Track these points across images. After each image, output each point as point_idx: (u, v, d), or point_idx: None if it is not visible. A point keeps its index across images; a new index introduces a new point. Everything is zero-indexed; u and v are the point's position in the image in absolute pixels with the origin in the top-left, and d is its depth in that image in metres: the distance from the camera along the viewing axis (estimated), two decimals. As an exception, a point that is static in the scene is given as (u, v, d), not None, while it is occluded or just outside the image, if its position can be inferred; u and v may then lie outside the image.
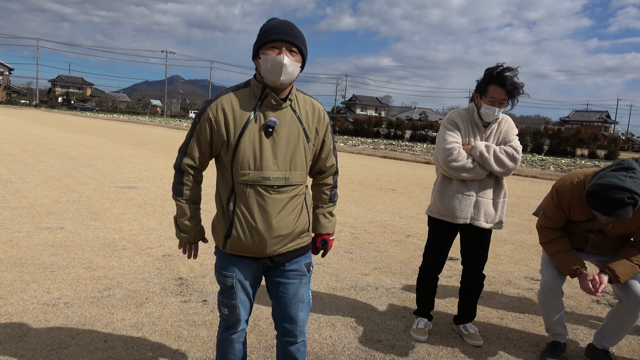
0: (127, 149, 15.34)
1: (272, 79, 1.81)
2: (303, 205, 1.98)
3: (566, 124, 67.96)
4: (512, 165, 2.90)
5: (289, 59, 1.79)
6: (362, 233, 5.90)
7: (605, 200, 2.39)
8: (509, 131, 2.98)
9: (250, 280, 1.99)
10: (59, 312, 3.13)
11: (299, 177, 1.93)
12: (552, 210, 2.84)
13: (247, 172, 1.84)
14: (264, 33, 1.82)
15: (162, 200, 7.08)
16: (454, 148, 2.88)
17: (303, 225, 1.99)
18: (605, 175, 2.45)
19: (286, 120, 1.89)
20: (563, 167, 20.10)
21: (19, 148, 13.15)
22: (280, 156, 1.87)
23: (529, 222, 7.37)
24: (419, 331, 3.15)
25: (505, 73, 2.78)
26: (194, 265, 4.23)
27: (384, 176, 12.45)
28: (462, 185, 2.93)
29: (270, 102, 1.86)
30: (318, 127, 1.99)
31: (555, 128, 37.36)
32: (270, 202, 1.86)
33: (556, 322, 2.92)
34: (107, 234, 5.06)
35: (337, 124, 47.58)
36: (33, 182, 7.95)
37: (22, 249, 4.38)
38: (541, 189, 11.82)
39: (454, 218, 2.95)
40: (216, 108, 1.85)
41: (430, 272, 3.19)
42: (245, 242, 1.88)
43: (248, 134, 1.84)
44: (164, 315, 3.19)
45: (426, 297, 3.24)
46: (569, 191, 2.74)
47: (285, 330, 2.08)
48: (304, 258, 2.04)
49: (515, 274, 4.64)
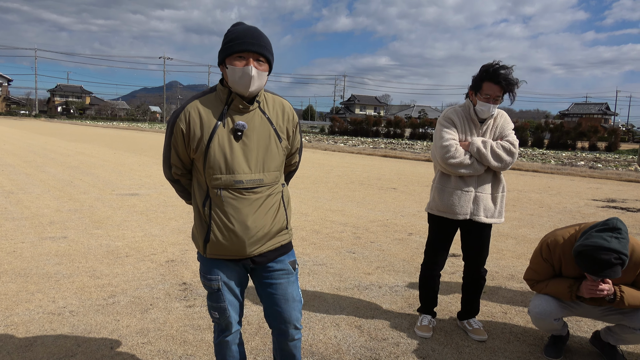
0: (127, 156, 15.38)
1: (241, 90, 1.83)
2: (280, 203, 1.99)
3: (566, 117, 67.90)
4: (510, 160, 2.92)
5: (256, 70, 1.81)
6: (364, 232, 5.91)
7: (592, 261, 2.40)
8: (505, 126, 3.00)
9: (235, 281, 2.00)
10: (65, 321, 3.15)
11: (273, 177, 1.94)
12: (540, 264, 2.81)
13: (219, 176, 1.85)
14: (230, 42, 1.82)
15: (164, 207, 7.10)
16: (451, 145, 2.90)
17: (281, 224, 2.00)
18: (591, 235, 2.46)
19: (255, 122, 1.90)
20: (564, 160, 20.10)
21: (19, 159, 13.19)
22: (252, 158, 1.88)
23: (530, 216, 7.37)
24: (423, 328, 3.17)
25: (500, 71, 2.80)
26: (197, 270, 4.24)
27: (384, 175, 12.46)
28: (461, 182, 2.96)
29: (237, 106, 1.87)
30: (289, 127, 2.00)
31: (557, 122, 37.33)
32: (245, 204, 1.87)
33: (555, 331, 2.92)
34: (110, 242, 5.08)
35: (336, 124, 47.57)
36: (35, 192, 7.98)
37: (26, 259, 4.40)
38: (542, 183, 11.83)
39: (454, 214, 2.97)
40: (184, 117, 1.87)
41: (432, 268, 3.21)
42: (223, 245, 1.90)
43: (217, 138, 1.85)
44: (169, 321, 3.21)
45: (429, 293, 3.25)
46: (561, 246, 2.69)
47: (281, 330, 2.10)
48: (287, 257, 2.06)
49: (518, 269, 4.64)
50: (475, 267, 3.14)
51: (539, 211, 7.86)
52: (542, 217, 7.38)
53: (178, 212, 6.70)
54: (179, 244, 5.10)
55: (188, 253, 4.76)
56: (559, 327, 2.86)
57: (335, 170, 13.07)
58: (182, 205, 7.19)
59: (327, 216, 6.80)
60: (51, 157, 14.12)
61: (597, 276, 2.44)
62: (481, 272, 3.15)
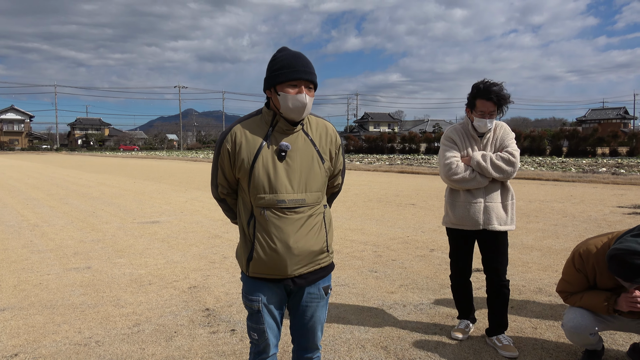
0: (147, 184, 15.62)
1: (294, 116, 1.90)
2: (321, 224, 2.01)
3: (583, 123, 66.93)
4: (510, 169, 3.04)
5: (309, 97, 1.89)
6: (385, 250, 5.86)
7: (625, 265, 2.33)
8: (505, 137, 3.14)
9: (275, 304, 2.02)
10: (91, 352, 3.17)
11: (315, 198, 1.97)
12: (573, 275, 2.73)
13: (262, 195, 1.90)
14: (281, 69, 1.87)
15: (184, 233, 7.15)
16: (452, 162, 3.08)
17: (321, 245, 2.01)
18: (625, 240, 2.39)
19: (299, 143, 1.95)
20: (585, 168, 19.74)
21: (43, 192, 13.50)
22: (295, 179, 1.92)
23: (554, 226, 7.22)
24: (458, 330, 3.32)
25: (491, 87, 2.96)
26: (220, 295, 4.25)
27: (402, 191, 12.39)
28: (469, 194, 3.10)
29: (282, 128, 1.93)
30: (332, 149, 2.05)
31: (572, 129, 36.85)
32: (287, 223, 1.91)
33: (590, 345, 2.82)
34: (133, 270, 5.13)
35: (351, 143, 47.70)
36: (59, 224, 8.13)
37: (52, 291, 4.46)
38: (564, 192, 11.61)
39: (467, 226, 3.12)
40: (231, 138, 1.94)
41: (458, 276, 3.34)
42: (266, 264, 1.93)
43: (261, 159, 1.90)
44: (193, 348, 3.20)
45: (462, 300, 3.36)
46: (594, 255, 2.62)
47: (302, 346, 2.16)
48: (323, 281, 2.08)
49: (545, 281, 4.53)
50: (495, 276, 3.15)
51: (563, 221, 7.70)
52: (567, 226, 7.23)
53: (198, 238, 6.75)
54: (200, 269, 5.11)
55: (210, 279, 4.77)
56: (595, 341, 2.76)
57: (353, 189, 13.04)
58: (202, 232, 7.24)
59: (347, 235, 6.76)
60: (73, 189, 14.42)
61: (631, 282, 2.36)
62: (503, 281, 3.15)
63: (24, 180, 18.02)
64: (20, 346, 3.26)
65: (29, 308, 4.00)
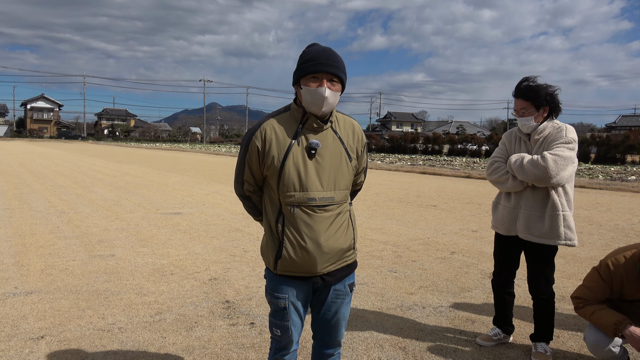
0: (170, 176, 15.85)
1: (314, 110, 1.88)
2: (349, 222, 2.02)
3: (613, 129, 65.15)
4: (537, 172, 2.78)
5: (330, 90, 1.85)
6: (405, 251, 5.82)
7: None
8: (555, 139, 2.89)
9: (302, 301, 2.02)
10: (114, 337, 3.24)
11: (343, 195, 1.98)
12: (596, 282, 2.66)
13: (292, 193, 1.89)
14: (304, 62, 1.87)
15: (206, 225, 7.24)
16: (491, 163, 3.11)
17: (349, 242, 2.02)
18: None
19: (328, 141, 1.94)
20: (613, 175, 19.24)
21: (70, 180, 13.83)
22: (325, 177, 1.91)
23: (579, 234, 7.06)
24: (484, 336, 3.27)
25: (520, 85, 2.91)
26: (240, 289, 4.29)
27: (424, 192, 12.29)
28: (506, 199, 3.08)
29: (312, 125, 1.92)
30: (358, 147, 2.05)
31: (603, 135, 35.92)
32: (317, 221, 1.90)
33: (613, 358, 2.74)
34: (155, 260, 5.22)
35: (372, 141, 47.48)
36: (84, 211, 8.32)
37: (77, 276, 4.58)
38: (590, 199, 11.34)
39: (501, 230, 3.09)
40: (260, 134, 1.92)
41: (498, 280, 3.24)
42: (295, 262, 1.92)
43: (292, 156, 1.89)
44: (213, 339, 3.24)
45: (497, 304, 3.28)
46: (623, 266, 2.55)
47: (324, 342, 2.16)
48: (349, 278, 2.09)
49: (569, 290, 4.44)
50: (533, 288, 3.07)
51: (588, 229, 7.53)
52: (593, 234, 7.06)
53: (219, 231, 6.82)
54: (221, 262, 5.17)
55: (230, 271, 4.82)
56: (619, 355, 2.70)
57: (373, 188, 12.99)
58: (223, 225, 7.32)
59: (367, 234, 6.75)
60: (99, 177, 14.73)
61: None
62: (540, 293, 3.04)
63: (52, 167, 18.49)
64: (46, 329, 3.36)
65: (55, 292, 4.11)
